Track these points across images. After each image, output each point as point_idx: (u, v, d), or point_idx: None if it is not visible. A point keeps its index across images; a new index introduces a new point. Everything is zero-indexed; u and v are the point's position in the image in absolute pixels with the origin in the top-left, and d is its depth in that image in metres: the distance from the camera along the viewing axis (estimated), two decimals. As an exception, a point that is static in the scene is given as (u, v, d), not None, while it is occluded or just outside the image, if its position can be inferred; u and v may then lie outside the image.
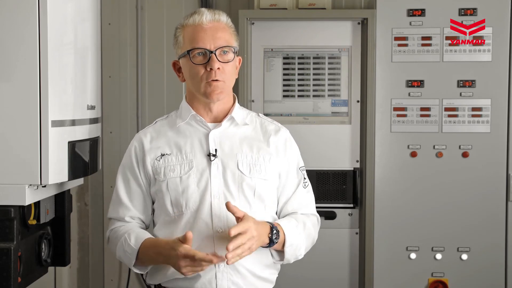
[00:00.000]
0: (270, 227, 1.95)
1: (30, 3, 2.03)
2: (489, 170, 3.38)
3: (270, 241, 1.94)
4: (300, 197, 2.11)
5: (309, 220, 2.10)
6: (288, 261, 2.05)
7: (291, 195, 2.09)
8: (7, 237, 2.09)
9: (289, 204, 2.09)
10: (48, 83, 2.05)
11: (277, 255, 2.04)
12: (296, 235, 2.01)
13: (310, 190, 2.15)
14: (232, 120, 2.07)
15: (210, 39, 1.98)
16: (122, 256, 2.04)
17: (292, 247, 2.01)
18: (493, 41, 3.35)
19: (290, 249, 2.01)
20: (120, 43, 3.78)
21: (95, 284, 3.89)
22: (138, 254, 1.99)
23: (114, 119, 3.80)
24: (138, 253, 1.99)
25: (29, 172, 2.05)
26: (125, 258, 2.03)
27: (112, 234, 2.10)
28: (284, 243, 1.99)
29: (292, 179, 2.10)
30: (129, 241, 2.00)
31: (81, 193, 3.82)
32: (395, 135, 3.42)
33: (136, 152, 2.08)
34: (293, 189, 2.10)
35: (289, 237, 1.99)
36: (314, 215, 2.15)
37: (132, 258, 2.00)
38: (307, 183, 2.14)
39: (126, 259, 2.03)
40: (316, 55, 3.47)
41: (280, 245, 1.99)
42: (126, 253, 2.01)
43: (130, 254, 2.00)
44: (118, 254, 2.06)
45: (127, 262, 2.03)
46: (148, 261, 2.00)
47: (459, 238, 3.41)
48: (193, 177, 2.00)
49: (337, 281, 3.49)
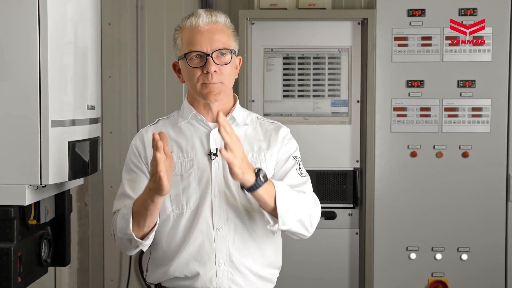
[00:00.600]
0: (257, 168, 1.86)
1: (30, 3, 2.03)
2: (489, 170, 3.39)
3: (257, 178, 1.82)
4: (292, 179, 2.02)
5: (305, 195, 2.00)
6: (283, 223, 1.89)
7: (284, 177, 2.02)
8: (7, 237, 2.09)
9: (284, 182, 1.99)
10: (48, 83, 2.05)
11: (271, 218, 1.91)
12: (287, 190, 1.91)
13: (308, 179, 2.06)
14: (233, 119, 2.07)
15: (207, 41, 1.98)
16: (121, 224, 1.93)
17: (284, 202, 1.88)
18: (493, 41, 3.36)
19: (283, 205, 1.88)
20: (120, 43, 3.78)
21: (95, 284, 3.89)
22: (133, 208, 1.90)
23: (114, 119, 3.80)
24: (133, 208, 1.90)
25: (29, 172, 2.05)
26: (123, 224, 1.92)
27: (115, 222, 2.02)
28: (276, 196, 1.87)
29: (286, 165, 2.04)
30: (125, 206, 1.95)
31: (81, 193, 3.82)
32: (395, 135, 3.42)
33: (138, 148, 2.08)
34: (285, 171, 2.03)
35: (279, 188, 1.88)
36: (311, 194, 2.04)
37: (128, 217, 1.90)
38: (303, 173, 2.06)
39: (124, 223, 1.92)
40: (316, 55, 3.47)
41: (271, 197, 1.87)
42: (123, 217, 1.92)
43: (126, 213, 1.91)
44: (118, 226, 1.96)
45: (126, 227, 1.91)
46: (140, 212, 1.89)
47: (459, 238, 3.41)
48: (194, 175, 2.00)
49: (337, 281, 3.49)
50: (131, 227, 1.91)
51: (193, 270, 1.98)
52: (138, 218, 1.91)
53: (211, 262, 1.97)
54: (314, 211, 2.02)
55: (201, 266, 1.97)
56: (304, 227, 1.99)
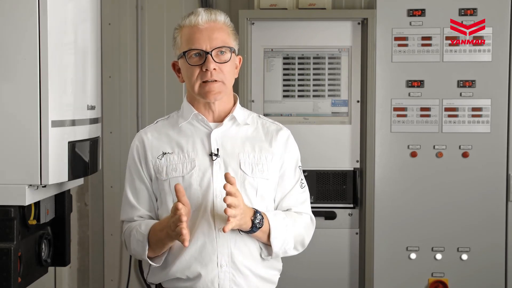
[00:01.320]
0: (254, 211, 1.93)
1: (30, 3, 2.03)
2: (489, 170, 3.39)
3: (252, 225, 1.92)
4: (296, 195, 2.10)
5: (301, 218, 2.08)
6: (276, 255, 2.03)
7: (287, 193, 2.09)
8: (7, 237, 2.09)
9: (285, 201, 2.08)
10: (48, 83, 2.05)
11: (265, 249, 2.02)
12: (282, 227, 1.99)
13: (306, 190, 2.15)
14: (234, 119, 2.06)
15: (206, 39, 1.98)
16: (136, 248, 2.01)
17: (278, 239, 1.98)
18: (493, 41, 3.35)
19: (277, 242, 1.98)
20: (120, 43, 3.78)
21: (95, 284, 3.89)
22: (149, 238, 1.97)
23: (114, 119, 3.80)
24: (149, 237, 1.97)
25: (29, 172, 2.05)
26: (139, 248, 2.00)
27: (126, 235, 2.08)
28: (270, 234, 1.97)
29: (290, 177, 2.09)
30: (139, 229, 2.00)
31: (81, 193, 3.82)
32: (395, 135, 3.42)
33: (138, 150, 2.08)
34: (290, 187, 2.09)
35: (274, 228, 1.97)
36: (307, 214, 2.13)
37: (144, 245, 1.97)
38: (303, 184, 2.13)
39: (139, 248, 1.99)
40: (316, 55, 3.47)
41: (265, 235, 1.97)
42: (138, 242, 1.99)
43: (142, 241, 1.98)
44: (133, 247, 2.03)
45: (141, 252, 1.99)
46: (157, 244, 1.97)
47: (459, 238, 3.41)
48: (195, 176, 1.99)
49: (337, 281, 3.49)
50: (147, 253, 1.99)
51: (194, 271, 1.97)
52: (154, 247, 1.98)
53: (212, 263, 1.97)
54: (308, 233, 2.11)
55: (203, 267, 1.97)
56: (296, 249, 2.08)
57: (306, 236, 2.10)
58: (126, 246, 2.09)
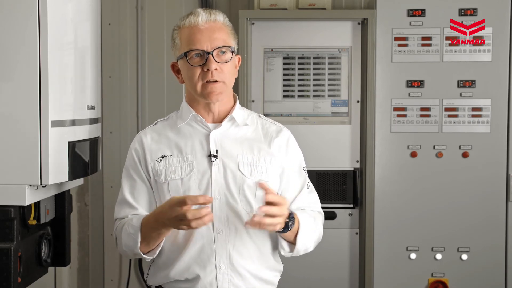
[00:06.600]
0: (289, 214, 1.92)
1: (30, 3, 2.03)
2: (489, 170, 3.38)
3: (285, 226, 1.90)
4: (305, 198, 2.10)
5: (319, 218, 2.11)
6: (297, 253, 2.02)
7: (296, 196, 2.08)
8: (7, 237, 2.09)
9: (294, 204, 2.07)
10: (48, 83, 2.05)
11: (288, 246, 2.01)
12: (308, 226, 2.00)
13: (313, 189, 2.15)
14: (233, 120, 2.06)
15: (206, 40, 1.97)
16: (127, 242, 1.96)
17: (304, 238, 1.98)
18: (493, 41, 3.35)
19: (302, 240, 1.98)
20: (120, 43, 3.78)
21: (95, 284, 3.89)
22: (141, 230, 1.93)
23: (114, 119, 3.80)
24: (141, 229, 1.93)
25: (29, 172, 2.05)
26: (130, 242, 1.95)
27: (118, 231, 2.04)
28: (297, 233, 1.96)
29: (295, 180, 2.09)
30: (131, 222, 1.96)
31: (81, 193, 3.82)
32: (395, 135, 3.42)
33: (137, 152, 2.06)
34: (297, 190, 2.08)
35: (302, 227, 1.97)
36: (320, 213, 2.14)
37: (136, 237, 1.93)
38: (309, 184, 2.13)
39: (131, 242, 1.95)
40: (316, 55, 3.47)
41: (293, 234, 1.96)
42: (130, 236, 1.95)
43: (134, 233, 1.93)
44: (124, 242, 1.98)
45: (133, 246, 1.95)
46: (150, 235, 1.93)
47: (459, 238, 3.41)
48: (194, 178, 1.98)
49: (337, 281, 3.49)
50: (139, 246, 1.94)
51: (193, 273, 1.97)
52: (147, 239, 1.94)
53: (211, 265, 1.96)
54: (322, 231, 2.12)
55: (201, 269, 1.96)
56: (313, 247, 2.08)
57: (321, 234, 2.11)
58: (117, 243, 2.04)
